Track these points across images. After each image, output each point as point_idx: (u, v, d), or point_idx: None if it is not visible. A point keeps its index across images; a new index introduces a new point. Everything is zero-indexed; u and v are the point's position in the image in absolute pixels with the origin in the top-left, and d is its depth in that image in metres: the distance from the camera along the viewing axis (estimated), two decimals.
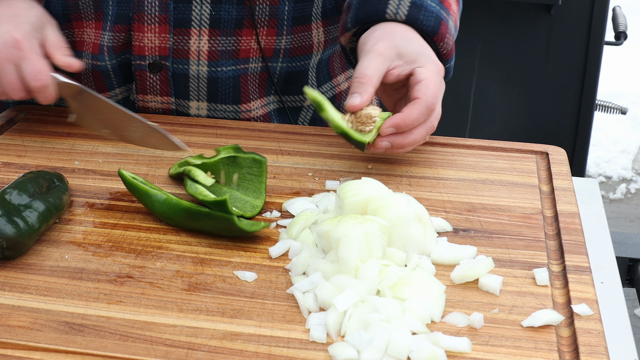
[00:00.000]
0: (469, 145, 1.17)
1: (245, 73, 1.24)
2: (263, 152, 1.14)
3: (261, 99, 1.28)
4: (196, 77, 1.23)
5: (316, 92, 1.05)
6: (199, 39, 1.19)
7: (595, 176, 3.80)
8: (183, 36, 1.19)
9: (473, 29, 2.52)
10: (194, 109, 1.26)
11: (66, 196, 0.98)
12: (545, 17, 2.47)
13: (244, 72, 1.24)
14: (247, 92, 1.26)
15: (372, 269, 0.83)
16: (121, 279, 0.88)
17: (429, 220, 0.92)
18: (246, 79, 1.25)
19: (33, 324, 0.81)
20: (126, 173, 0.99)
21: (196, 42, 1.20)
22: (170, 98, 1.25)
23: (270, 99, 1.29)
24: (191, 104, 1.26)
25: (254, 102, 1.27)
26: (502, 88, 2.60)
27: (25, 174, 0.97)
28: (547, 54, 2.52)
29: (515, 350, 0.78)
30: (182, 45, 1.20)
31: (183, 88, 1.24)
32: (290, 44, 1.25)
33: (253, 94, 1.26)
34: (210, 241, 0.94)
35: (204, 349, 0.78)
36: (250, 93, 1.26)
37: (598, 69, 2.54)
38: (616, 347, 0.98)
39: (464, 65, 2.57)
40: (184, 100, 1.25)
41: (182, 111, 1.27)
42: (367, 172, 1.10)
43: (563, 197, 1.03)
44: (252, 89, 1.26)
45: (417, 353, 0.76)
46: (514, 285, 0.87)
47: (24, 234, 0.89)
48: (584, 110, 2.58)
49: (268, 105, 1.29)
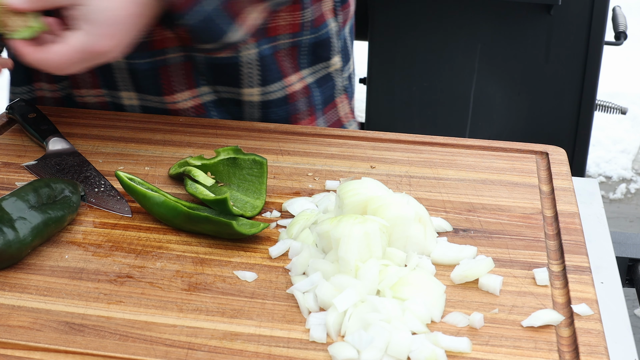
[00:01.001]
0: (469, 145, 1.17)
1: (165, 64, 1.22)
2: (263, 152, 1.14)
3: (190, 90, 1.25)
4: (119, 68, 1.22)
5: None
6: None
7: (595, 176, 3.80)
8: None
9: (473, 29, 2.52)
10: (126, 99, 1.25)
11: (71, 209, 0.95)
12: (545, 17, 2.47)
13: (163, 64, 1.22)
14: (169, 83, 1.23)
15: (372, 269, 0.83)
16: (121, 279, 0.88)
17: (429, 220, 0.92)
18: (167, 70, 1.23)
19: (33, 324, 0.81)
20: (123, 175, 0.98)
21: None
22: (102, 90, 1.25)
23: (203, 90, 1.25)
24: (122, 94, 1.25)
25: (180, 94, 1.24)
26: (502, 88, 2.60)
27: (32, 182, 0.95)
28: (547, 54, 2.52)
29: (515, 350, 0.78)
30: None
31: (110, 79, 1.24)
32: None
33: (178, 85, 1.24)
34: (210, 241, 0.94)
35: (204, 349, 0.78)
36: (174, 84, 1.24)
37: (598, 69, 2.54)
38: (616, 347, 0.98)
39: (464, 65, 2.58)
40: (115, 91, 1.25)
41: (117, 103, 1.26)
42: (367, 172, 1.10)
43: (563, 197, 1.03)
44: (176, 80, 1.23)
45: (417, 353, 0.76)
46: (514, 285, 0.87)
47: (11, 245, 0.87)
48: (584, 110, 2.58)
49: (201, 97, 1.26)
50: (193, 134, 1.20)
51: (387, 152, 1.15)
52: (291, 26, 1.25)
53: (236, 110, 1.28)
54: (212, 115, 1.27)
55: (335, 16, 1.31)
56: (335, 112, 1.37)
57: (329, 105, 1.35)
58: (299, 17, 1.25)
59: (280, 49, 1.26)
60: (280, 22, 1.24)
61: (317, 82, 1.32)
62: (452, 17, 2.52)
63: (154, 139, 1.18)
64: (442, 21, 2.53)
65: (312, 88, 1.32)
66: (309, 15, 1.25)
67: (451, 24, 2.53)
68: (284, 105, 1.28)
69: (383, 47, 2.60)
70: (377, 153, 1.14)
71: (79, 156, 1.12)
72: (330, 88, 1.35)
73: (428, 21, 2.54)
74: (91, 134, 1.19)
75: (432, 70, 2.60)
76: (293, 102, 1.29)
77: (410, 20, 2.55)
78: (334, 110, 1.36)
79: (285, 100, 1.29)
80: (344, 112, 1.38)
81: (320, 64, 1.31)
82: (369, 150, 1.15)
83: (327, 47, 1.30)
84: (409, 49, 2.59)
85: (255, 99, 1.26)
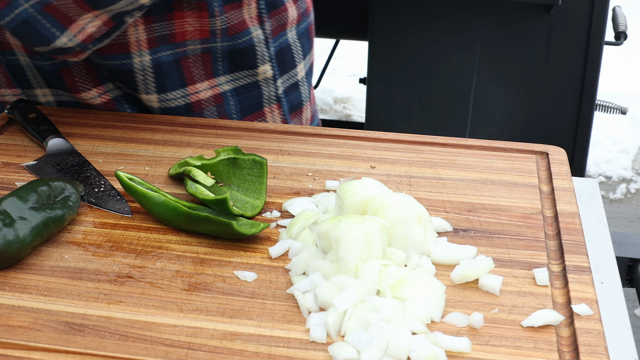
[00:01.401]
0: (469, 145, 1.17)
1: (67, 65, 1.22)
2: (263, 152, 1.14)
3: (97, 88, 1.25)
4: (28, 66, 1.23)
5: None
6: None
7: (595, 176, 3.80)
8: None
9: (473, 29, 2.53)
10: (41, 96, 1.26)
11: (71, 209, 0.95)
12: (545, 17, 2.48)
13: (64, 65, 1.22)
14: (74, 83, 1.24)
15: (372, 269, 0.83)
16: (121, 279, 0.88)
17: (429, 220, 0.92)
18: (69, 70, 1.23)
19: (33, 324, 0.81)
20: (123, 175, 0.98)
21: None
22: (17, 90, 1.26)
23: (109, 86, 1.25)
24: (36, 92, 1.26)
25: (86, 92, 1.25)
26: (502, 88, 2.60)
27: (32, 182, 0.95)
28: (547, 54, 2.52)
29: (515, 350, 0.78)
30: (4, 37, 1.20)
31: (22, 78, 1.24)
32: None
33: (83, 84, 1.24)
34: (210, 241, 0.94)
35: (204, 349, 0.78)
36: (78, 84, 1.24)
37: (598, 69, 2.54)
38: (616, 347, 0.98)
39: (464, 65, 2.58)
40: (28, 89, 1.25)
41: (34, 100, 1.27)
42: (367, 172, 1.10)
43: (563, 197, 1.03)
44: (80, 80, 1.24)
45: (417, 353, 0.76)
46: (514, 285, 0.87)
47: (11, 245, 0.87)
48: (584, 110, 2.59)
49: (110, 92, 1.25)
50: (193, 134, 1.20)
51: (387, 152, 1.15)
52: (200, 32, 1.22)
53: (145, 106, 1.27)
54: (125, 109, 1.27)
55: (261, 23, 1.26)
56: (262, 121, 1.33)
57: (253, 114, 1.32)
58: (208, 23, 1.21)
59: (188, 54, 1.23)
60: (187, 28, 1.21)
61: (236, 91, 1.29)
62: (452, 17, 2.52)
63: (154, 139, 1.18)
64: (442, 21, 2.53)
65: (227, 96, 1.29)
66: (221, 22, 1.22)
67: (451, 24, 2.53)
68: (187, 113, 1.27)
69: (383, 47, 2.60)
70: (377, 153, 1.14)
71: (79, 156, 1.12)
72: (256, 97, 1.31)
73: (428, 21, 2.54)
74: (91, 134, 1.19)
75: (432, 70, 2.61)
76: (198, 111, 1.27)
77: (410, 20, 2.55)
78: (261, 119, 1.33)
79: (188, 108, 1.26)
80: (273, 122, 1.34)
81: (242, 72, 1.28)
82: (369, 150, 1.15)
83: (250, 55, 1.26)
84: (409, 49, 2.59)
85: (154, 104, 1.25)
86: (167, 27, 1.20)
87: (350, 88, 4.60)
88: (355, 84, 4.55)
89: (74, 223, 0.98)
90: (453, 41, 2.55)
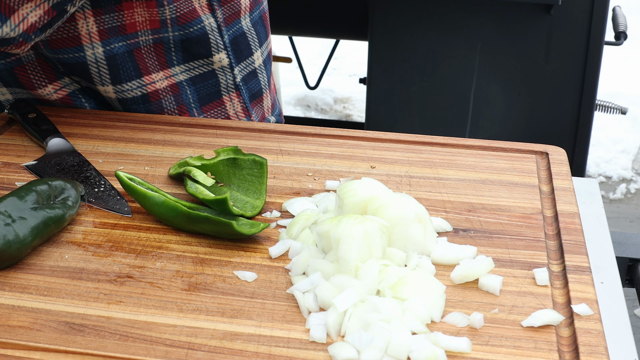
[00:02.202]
0: (469, 145, 1.17)
1: (21, 63, 1.22)
2: (263, 152, 1.14)
3: (53, 84, 1.25)
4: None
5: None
6: None
7: (595, 176, 3.80)
8: None
9: (473, 29, 2.52)
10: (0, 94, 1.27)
11: (71, 209, 0.95)
12: (545, 17, 2.47)
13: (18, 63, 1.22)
14: (29, 80, 1.24)
15: (372, 269, 0.83)
16: (121, 279, 0.88)
17: (429, 220, 0.92)
18: (23, 68, 1.23)
19: (33, 324, 0.81)
20: (123, 175, 0.98)
21: None
22: None
23: (65, 81, 1.25)
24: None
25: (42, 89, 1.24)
26: (502, 88, 2.60)
27: (32, 182, 0.95)
28: (547, 54, 2.52)
29: (515, 350, 0.78)
30: None
31: None
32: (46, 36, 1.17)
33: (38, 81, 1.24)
34: (210, 241, 0.94)
35: (204, 349, 0.78)
36: (33, 80, 1.24)
37: (598, 69, 2.54)
38: (616, 347, 0.98)
39: (464, 65, 2.58)
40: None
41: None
42: (367, 172, 1.10)
43: (563, 197, 1.03)
44: (35, 77, 1.24)
45: (417, 353, 0.76)
46: (514, 285, 0.87)
47: (11, 245, 0.87)
48: (584, 110, 2.59)
49: (67, 87, 1.25)
50: (193, 134, 1.20)
51: (387, 152, 1.15)
52: (150, 22, 1.22)
53: (102, 100, 1.27)
54: (83, 103, 1.26)
55: (212, 12, 1.26)
56: (221, 110, 1.34)
57: (212, 103, 1.32)
58: (157, 13, 1.21)
59: (140, 46, 1.23)
60: (137, 19, 1.21)
61: (192, 80, 1.29)
62: (452, 17, 2.52)
63: (154, 139, 1.18)
64: (442, 21, 2.53)
65: (183, 86, 1.29)
66: (170, 11, 1.22)
67: (451, 24, 2.53)
68: (145, 104, 1.27)
69: (383, 47, 2.60)
70: (377, 153, 1.14)
71: (79, 156, 1.12)
72: (213, 86, 1.31)
73: (428, 21, 2.54)
74: (91, 134, 1.19)
75: (432, 70, 2.61)
76: (156, 101, 1.27)
77: (410, 20, 2.55)
78: (220, 108, 1.34)
79: (146, 99, 1.27)
80: (234, 111, 1.35)
81: (197, 62, 1.28)
82: (369, 150, 1.15)
83: (204, 44, 1.27)
84: (409, 49, 2.59)
85: (111, 95, 1.25)
86: (117, 18, 1.20)
87: (350, 88, 4.60)
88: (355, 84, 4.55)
89: (74, 223, 0.98)
90: (453, 41, 2.55)
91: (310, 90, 3.60)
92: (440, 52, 2.57)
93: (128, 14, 1.20)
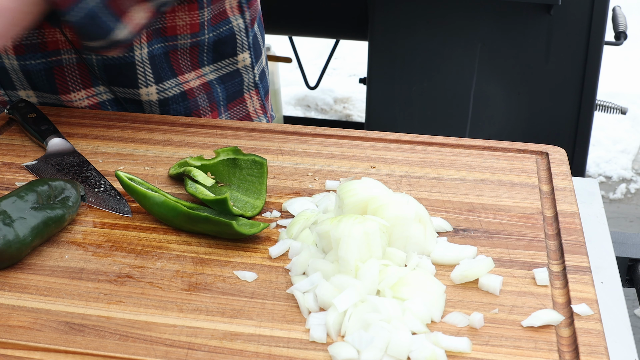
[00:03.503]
0: (469, 145, 1.17)
1: (60, 65, 1.23)
2: (263, 152, 1.14)
3: (87, 90, 1.26)
4: (12, 69, 1.23)
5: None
6: None
7: (595, 176, 3.80)
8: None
9: (473, 29, 2.53)
10: (24, 97, 1.27)
11: (71, 209, 0.95)
12: (545, 17, 2.48)
13: (58, 64, 1.23)
14: (65, 83, 1.25)
15: (372, 269, 0.83)
16: (121, 279, 0.88)
17: (429, 220, 0.92)
18: (62, 70, 1.23)
19: (33, 324, 0.81)
20: (123, 175, 0.98)
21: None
22: (0, 90, 1.26)
23: (100, 90, 1.27)
24: (20, 93, 1.26)
25: (75, 93, 1.25)
26: (502, 88, 2.60)
27: (32, 182, 0.95)
28: (547, 54, 2.53)
29: (515, 350, 0.78)
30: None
31: (6, 80, 1.25)
32: None
33: (73, 85, 1.25)
34: (210, 241, 0.94)
35: (204, 349, 0.78)
36: (69, 84, 1.25)
37: (598, 69, 2.54)
38: (616, 347, 0.98)
39: (464, 65, 2.58)
40: (12, 90, 1.26)
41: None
42: (367, 172, 1.10)
43: (563, 197, 1.03)
44: (71, 80, 1.25)
45: (417, 353, 0.76)
46: (514, 285, 0.87)
47: (11, 245, 0.87)
48: (584, 110, 2.59)
49: (99, 96, 1.27)
50: (193, 134, 1.20)
51: (387, 152, 1.15)
52: (190, 26, 1.26)
53: (135, 108, 1.29)
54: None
55: (242, 13, 1.31)
56: (243, 107, 1.38)
57: (235, 101, 1.37)
58: (197, 16, 1.25)
59: (177, 48, 1.27)
60: (178, 23, 1.25)
61: (221, 79, 1.33)
62: (452, 17, 2.52)
63: (154, 139, 1.18)
64: (442, 21, 2.53)
65: (214, 85, 1.33)
66: (207, 13, 1.26)
67: (451, 24, 2.53)
68: (183, 102, 1.30)
69: (383, 47, 2.60)
70: (377, 153, 1.14)
71: (79, 156, 1.12)
72: (238, 84, 1.36)
73: (428, 21, 2.54)
74: (91, 134, 1.19)
75: (432, 70, 2.61)
76: (192, 98, 1.31)
77: (410, 20, 2.55)
78: (242, 105, 1.38)
79: (184, 96, 1.30)
80: (254, 108, 1.39)
81: (225, 61, 1.32)
82: (369, 150, 1.15)
83: (231, 44, 1.31)
84: (409, 49, 2.59)
85: (153, 97, 1.27)
86: (159, 21, 1.23)
87: (350, 88, 4.60)
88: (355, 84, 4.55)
89: (74, 223, 0.98)
90: (453, 41, 2.55)
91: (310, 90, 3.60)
92: (440, 52, 2.57)
93: (170, 17, 1.24)
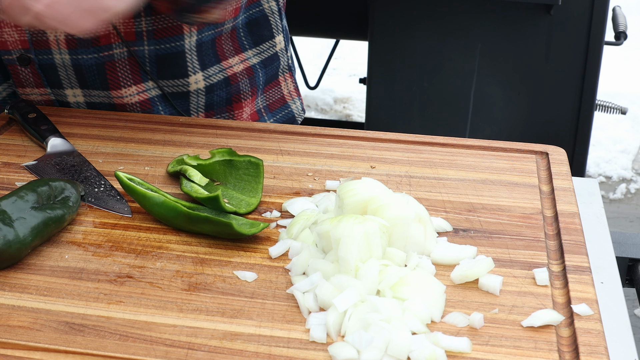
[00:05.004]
0: (469, 145, 1.17)
1: (112, 60, 1.23)
2: (262, 152, 1.14)
3: (137, 86, 1.26)
4: (62, 65, 1.23)
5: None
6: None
7: (595, 176, 3.80)
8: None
9: (473, 29, 2.52)
10: (71, 96, 1.26)
11: (71, 209, 0.95)
12: (545, 17, 2.47)
13: (110, 59, 1.23)
14: (116, 78, 1.24)
15: (372, 269, 0.83)
16: (121, 279, 0.88)
17: (429, 220, 0.92)
18: (113, 65, 1.24)
19: (33, 324, 0.81)
20: (122, 175, 0.98)
21: (53, 31, 1.19)
22: (46, 89, 1.26)
23: (149, 85, 1.27)
24: (67, 92, 1.26)
25: (126, 89, 1.25)
26: (502, 88, 2.60)
27: (32, 182, 0.95)
28: (547, 54, 2.52)
29: (515, 350, 0.78)
30: (41, 36, 1.20)
31: (54, 77, 1.24)
32: (152, 26, 1.22)
33: (124, 80, 1.25)
34: (210, 241, 0.94)
35: (204, 349, 0.78)
36: (120, 79, 1.25)
37: (598, 69, 2.54)
38: (616, 347, 0.98)
39: (464, 65, 2.58)
40: (59, 89, 1.26)
41: (62, 100, 1.27)
42: (367, 172, 1.10)
43: (563, 197, 1.03)
44: (122, 75, 1.25)
45: (417, 353, 0.76)
46: (514, 285, 0.87)
47: (11, 245, 0.87)
48: (584, 110, 2.58)
49: (148, 92, 1.27)
50: (193, 134, 1.20)
51: (387, 152, 1.15)
52: (234, 10, 1.28)
53: (182, 103, 1.29)
54: (158, 110, 1.28)
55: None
56: (278, 90, 1.40)
57: (271, 84, 1.38)
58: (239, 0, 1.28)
59: (222, 33, 1.29)
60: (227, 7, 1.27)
61: (263, 63, 1.35)
62: (452, 17, 2.52)
63: (154, 139, 1.18)
64: (442, 21, 2.53)
65: (256, 69, 1.34)
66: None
67: (451, 24, 2.53)
68: (226, 87, 1.31)
69: (383, 47, 2.60)
70: (377, 153, 1.14)
71: (79, 156, 1.12)
72: (275, 68, 1.38)
73: (428, 21, 2.54)
74: (91, 134, 1.19)
75: (432, 70, 2.60)
76: (235, 84, 1.32)
77: (410, 20, 2.54)
78: (277, 88, 1.39)
79: (227, 82, 1.31)
80: (288, 90, 1.41)
81: (265, 44, 1.34)
82: (369, 150, 1.15)
83: (266, 25, 1.33)
84: (409, 49, 2.59)
85: (200, 85, 1.28)
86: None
87: (350, 88, 4.60)
88: (355, 84, 4.55)
89: (74, 223, 0.98)
90: (453, 41, 2.55)
91: (310, 90, 3.60)
92: (440, 52, 2.57)
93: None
